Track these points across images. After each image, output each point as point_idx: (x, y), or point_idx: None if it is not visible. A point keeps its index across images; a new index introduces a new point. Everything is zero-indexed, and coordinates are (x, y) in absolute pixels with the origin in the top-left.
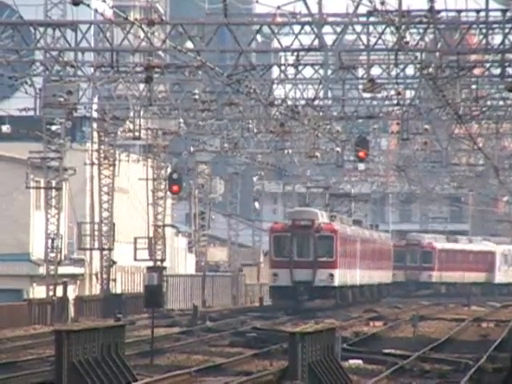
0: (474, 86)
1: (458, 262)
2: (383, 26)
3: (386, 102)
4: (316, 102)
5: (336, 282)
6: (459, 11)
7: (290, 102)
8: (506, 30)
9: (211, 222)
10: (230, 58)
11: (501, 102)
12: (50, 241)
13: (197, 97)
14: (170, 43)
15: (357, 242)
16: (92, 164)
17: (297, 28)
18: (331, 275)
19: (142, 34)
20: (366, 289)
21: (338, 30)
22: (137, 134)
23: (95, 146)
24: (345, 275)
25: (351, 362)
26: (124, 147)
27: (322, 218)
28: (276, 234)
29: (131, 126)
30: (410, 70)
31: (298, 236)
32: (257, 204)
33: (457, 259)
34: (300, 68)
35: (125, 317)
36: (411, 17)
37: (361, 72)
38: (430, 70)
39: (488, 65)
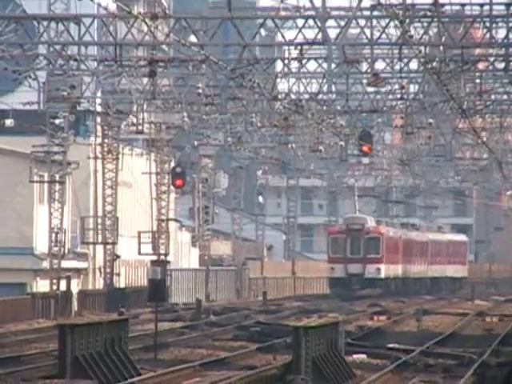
0: (477, 80)
1: None
2: (387, 20)
3: (390, 96)
4: (320, 96)
5: (382, 275)
6: (463, 5)
7: (293, 96)
8: (510, 24)
9: (215, 217)
10: (234, 51)
11: (505, 96)
12: (53, 235)
13: (200, 91)
14: (174, 37)
15: (399, 241)
16: (95, 158)
17: (300, 22)
18: (378, 269)
19: (145, 28)
20: (407, 280)
21: (342, 23)
22: (140, 128)
23: (99, 140)
24: (389, 269)
25: (355, 356)
26: (127, 141)
27: (371, 222)
28: (333, 235)
29: (135, 120)
30: (413, 64)
31: (351, 237)
32: (260, 198)
33: None
34: (304, 62)
35: (128, 311)
36: (415, 10)
37: (365, 66)
38: (434, 64)
39: (492, 59)
